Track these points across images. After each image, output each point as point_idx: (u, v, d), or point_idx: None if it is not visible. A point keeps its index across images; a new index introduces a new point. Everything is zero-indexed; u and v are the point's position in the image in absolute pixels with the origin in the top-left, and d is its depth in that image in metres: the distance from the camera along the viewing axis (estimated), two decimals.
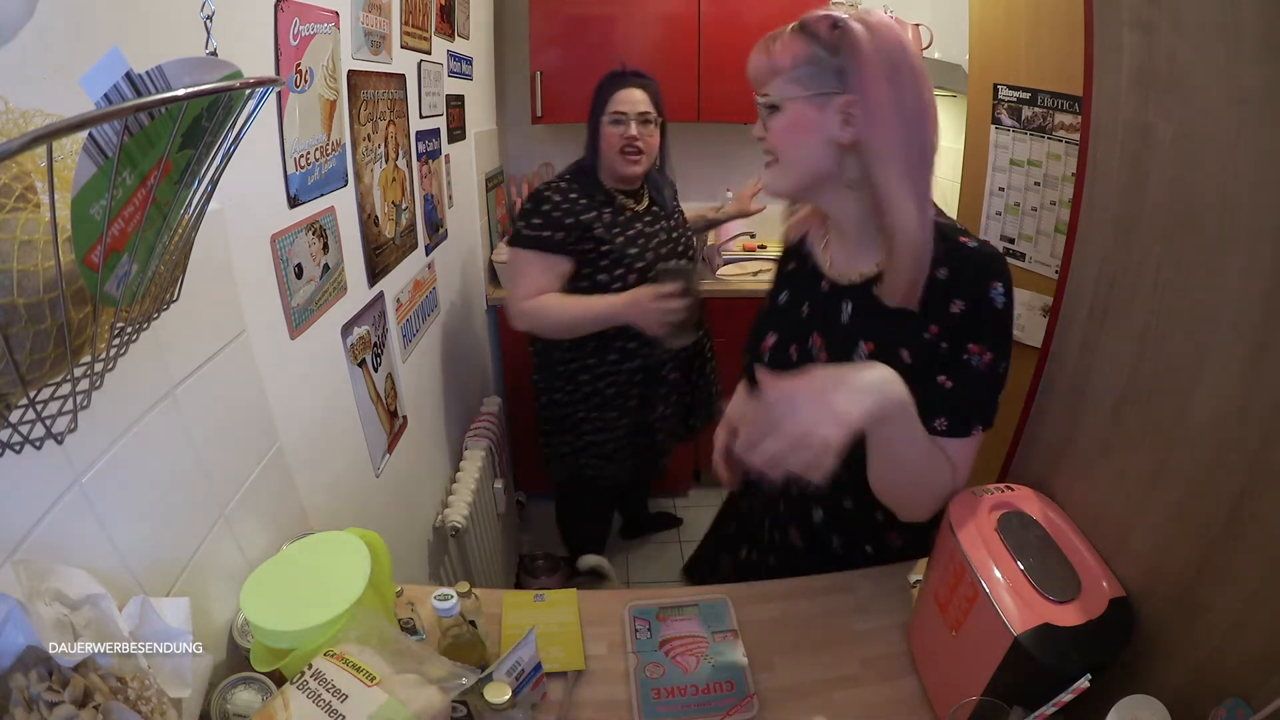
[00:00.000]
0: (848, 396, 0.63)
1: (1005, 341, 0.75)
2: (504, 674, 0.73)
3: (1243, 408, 0.58)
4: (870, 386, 0.65)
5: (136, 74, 0.37)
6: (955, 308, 0.75)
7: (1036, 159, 1.69)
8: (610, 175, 1.47)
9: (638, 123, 1.40)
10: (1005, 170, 1.78)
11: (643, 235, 1.48)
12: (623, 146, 1.41)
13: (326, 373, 1.07)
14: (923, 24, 2.44)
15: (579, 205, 1.42)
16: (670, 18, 2.19)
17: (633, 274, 1.44)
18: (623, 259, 1.43)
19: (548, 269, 1.42)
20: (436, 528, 1.55)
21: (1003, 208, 1.81)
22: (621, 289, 1.43)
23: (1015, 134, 1.74)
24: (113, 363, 0.48)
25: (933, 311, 0.76)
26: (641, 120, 1.40)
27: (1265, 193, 0.56)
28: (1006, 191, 1.80)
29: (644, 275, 1.44)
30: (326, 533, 0.81)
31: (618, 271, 1.44)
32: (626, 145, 1.41)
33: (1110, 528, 0.74)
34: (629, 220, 1.48)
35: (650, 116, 1.42)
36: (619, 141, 1.40)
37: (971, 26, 1.83)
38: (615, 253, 1.43)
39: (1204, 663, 0.62)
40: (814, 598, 0.99)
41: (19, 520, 0.51)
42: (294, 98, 0.92)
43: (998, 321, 0.75)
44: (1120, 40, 0.72)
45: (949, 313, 0.75)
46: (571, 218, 1.40)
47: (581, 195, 1.43)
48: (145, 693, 0.52)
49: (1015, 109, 1.72)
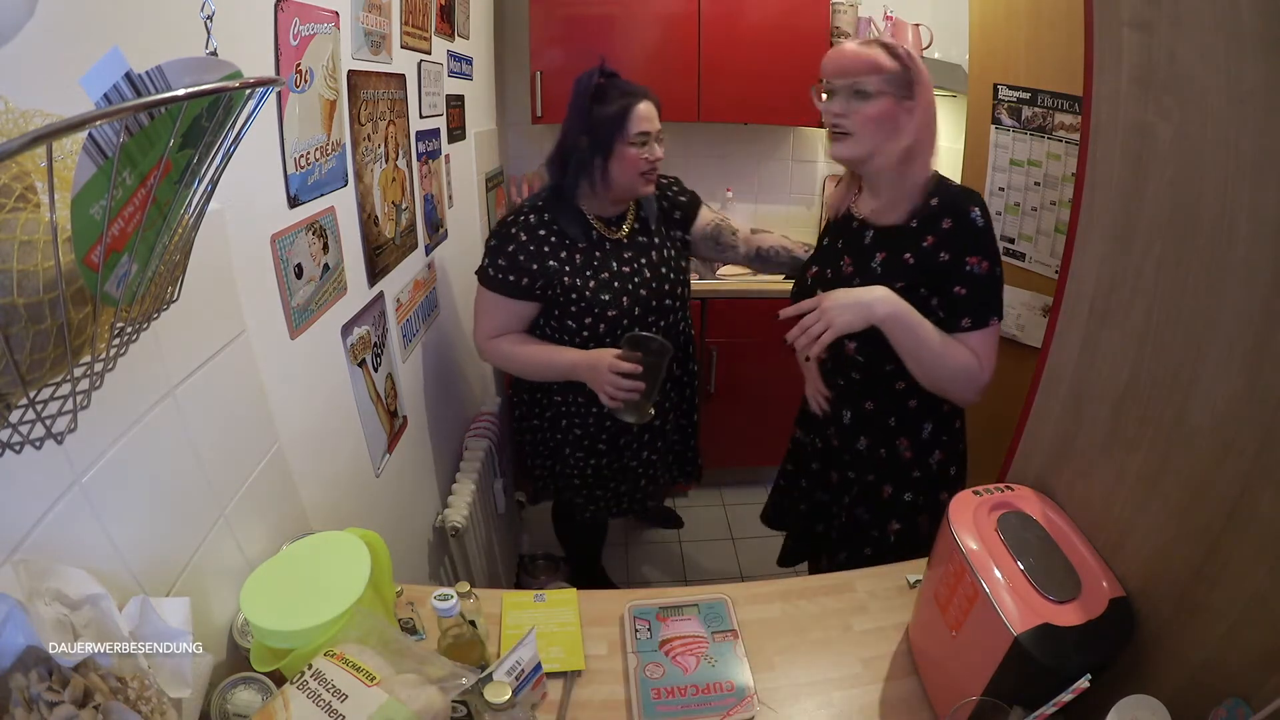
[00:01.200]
0: (852, 298, 1.00)
1: (995, 251, 1.03)
2: (504, 674, 0.73)
3: (1242, 408, 0.58)
4: (869, 293, 1.00)
5: (136, 74, 0.37)
6: (945, 224, 1.03)
7: (1036, 159, 1.69)
8: (611, 200, 1.33)
9: (657, 142, 1.28)
10: (1005, 170, 1.78)
11: (619, 277, 1.32)
12: (646, 170, 1.27)
13: (326, 373, 1.07)
14: (923, 24, 2.45)
15: (547, 246, 1.29)
16: (670, 18, 2.19)
17: (603, 322, 1.31)
18: (593, 306, 1.30)
19: (510, 312, 1.34)
20: (436, 528, 1.55)
21: (1003, 208, 1.81)
22: (589, 336, 1.33)
23: (1015, 134, 1.74)
24: (113, 363, 0.48)
25: (928, 227, 1.05)
26: (658, 138, 1.28)
27: (1265, 193, 0.56)
28: (1006, 191, 1.80)
29: (618, 321, 1.32)
30: (326, 533, 0.81)
31: (586, 320, 1.32)
32: (650, 168, 1.27)
33: (1110, 528, 0.74)
34: (606, 255, 1.33)
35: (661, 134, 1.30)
36: (643, 165, 1.26)
37: (971, 26, 1.83)
38: (584, 300, 1.30)
39: (1204, 663, 0.62)
40: (814, 598, 0.99)
41: (19, 520, 0.51)
42: (294, 98, 0.92)
43: (984, 235, 1.03)
44: (1120, 40, 0.71)
45: (941, 228, 1.03)
46: (537, 262, 1.28)
47: (551, 233, 1.29)
48: (145, 693, 0.52)
49: (1015, 109, 1.72)
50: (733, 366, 2.34)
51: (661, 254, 1.40)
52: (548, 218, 1.31)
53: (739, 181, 2.73)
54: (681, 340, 1.49)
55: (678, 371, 1.51)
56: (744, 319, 2.28)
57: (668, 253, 1.42)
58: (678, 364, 1.49)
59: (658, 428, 1.50)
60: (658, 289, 1.37)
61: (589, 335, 1.34)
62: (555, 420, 1.48)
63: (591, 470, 1.51)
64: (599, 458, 1.48)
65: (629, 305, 1.33)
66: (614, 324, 1.33)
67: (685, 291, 1.47)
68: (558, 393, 1.44)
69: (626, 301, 1.33)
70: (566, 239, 1.31)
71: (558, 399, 1.45)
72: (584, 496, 1.56)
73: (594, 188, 1.30)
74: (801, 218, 2.85)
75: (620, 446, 1.48)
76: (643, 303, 1.35)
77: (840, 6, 2.35)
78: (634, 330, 1.32)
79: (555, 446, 1.53)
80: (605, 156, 1.26)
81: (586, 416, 1.43)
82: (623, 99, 1.25)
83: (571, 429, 1.47)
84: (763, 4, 2.21)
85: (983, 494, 0.82)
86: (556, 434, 1.50)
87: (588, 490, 1.54)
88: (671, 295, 1.40)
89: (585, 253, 1.32)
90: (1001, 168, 1.79)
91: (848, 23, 2.38)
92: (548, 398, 1.47)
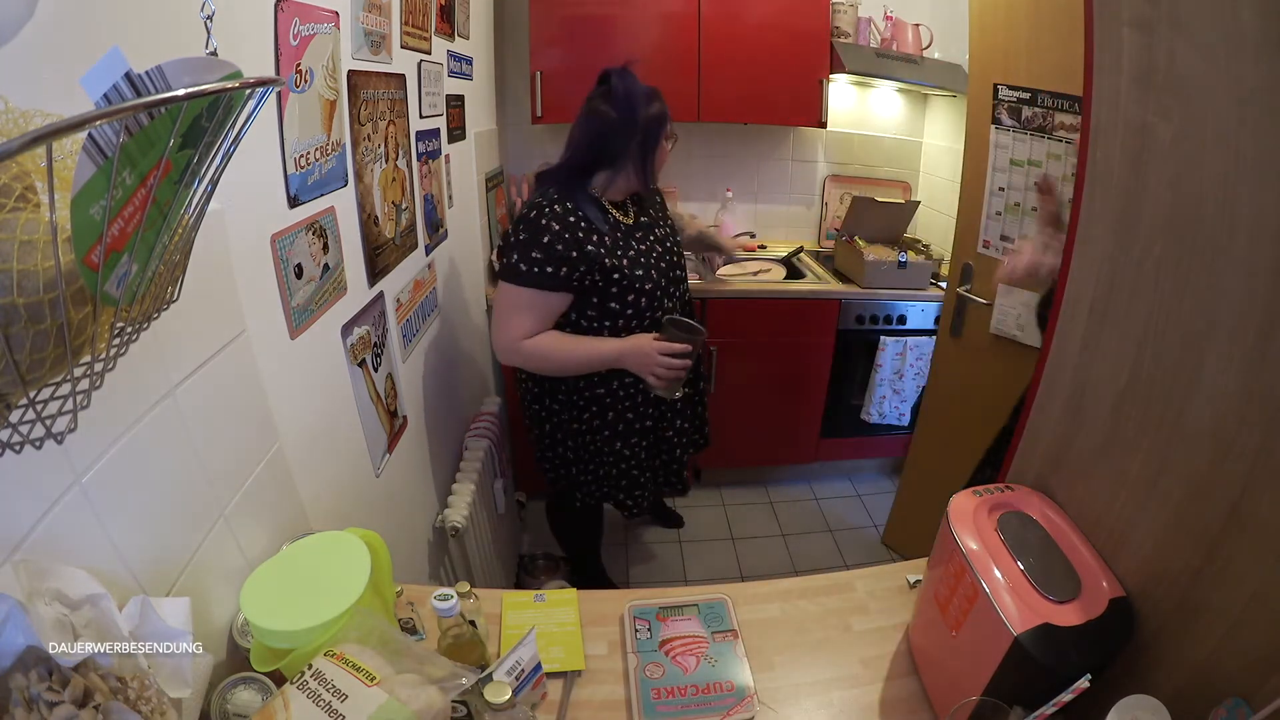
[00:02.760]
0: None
1: None
2: (504, 674, 0.73)
3: (1242, 408, 0.58)
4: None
5: (136, 74, 0.37)
6: None
7: (1037, 159, 1.69)
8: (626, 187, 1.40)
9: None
10: (1005, 170, 1.78)
11: (642, 254, 1.40)
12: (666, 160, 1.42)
13: (326, 373, 1.07)
14: (923, 24, 2.45)
15: (580, 233, 1.31)
16: (670, 18, 2.19)
17: (643, 297, 1.38)
18: (633, 283, 1.36)
19: (545, 307, 1.33)
20: (436, 528, 1.55)
21: (1003, 207, 1.81)
22: (633, 314, 1.38)
23: (1015, 134, 1.74)
24: (113, 363, 0.48)
25: None
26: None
27: (1265, 193, 0.56)
28: (1006, 191, 1.80)
29: (653, 295, 1.38)
30: (326, 533, 0.81)
31: (629, 298, 1.36)
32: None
33: (1110, 528, 0.74)
34: (626, 236, 1.39)
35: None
36: (666, 158, 1.42)
37: (971, 26, 1.82)
38: (624, 279, 1.35)
39: (1204, 663, 0.62)
40: (814, 598, 0.99)
41: (19, 520, 0.51)
42: (294, 98, 0.92)
43: None
44: (1120, 40, 0.71)
45: None
46: (576, 250, 1.29)
47: (581, 220, 1.32)
48: (145, 693, 0.52)
49: (1015, 109, 1.72)
50: (733, 366, 2.34)
51: (663, 233, 1.51)
52: (571, 206, 1.33)
53: (739, 181, 2.74)
54: (690, 308, 1.61)
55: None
56: (744, 319, 2.28)
57: (665, 230, 1.53)
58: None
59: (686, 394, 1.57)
60: (672, 261, 1.48)
61: (632, 314, 1.39)
62: (602, 413, 1.49)
63: (644, 452, 1.55)
64: (644, 436, 1.54)
65: (657, 278, 1.41)
66: (650, 298, 1.39)
67: (684, 262, 1.58)
68: (600, 385, 1.46)
69: (655, 275, 1.41)
70: (594, 225, 1.34)
71: (600, 391, 1.46)
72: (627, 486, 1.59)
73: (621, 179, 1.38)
74: (801, 217, 2.85)
75: (658, 420, 1.55)
76: (664, 274, 1.44)
77: (840, 6, 2.35)
78: (662, 304, 1.42)
79: (599, 446, 1.53)
80: (651, 149, 1.36)
81: (634, 400, 1.49)
82: (658, 100, 1.36)
83: (621, 417, 1.50)
84: (763, 4, 2.21)
85: (983, 494, 0.82)
86: (604, 430, 1.50)
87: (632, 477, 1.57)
88: (679, 266, 1.52)
89: (611, 235, 1.36)
90: (1001, 168, 1.79)
91: (848, 23, 2.38)
92: (591, 391, 1.47)
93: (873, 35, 2.46)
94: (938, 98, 2.60)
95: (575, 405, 1.49)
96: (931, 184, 2.68)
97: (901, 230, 2.46)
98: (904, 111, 2.71)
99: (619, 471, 1.55)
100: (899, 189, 2.76)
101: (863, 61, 2.30)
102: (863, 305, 2.31)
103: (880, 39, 2.46)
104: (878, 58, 2.33)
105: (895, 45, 2.43)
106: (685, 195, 2.72)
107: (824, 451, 2.58)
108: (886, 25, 2.45)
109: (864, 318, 2.33)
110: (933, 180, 2.68)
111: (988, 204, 1.84)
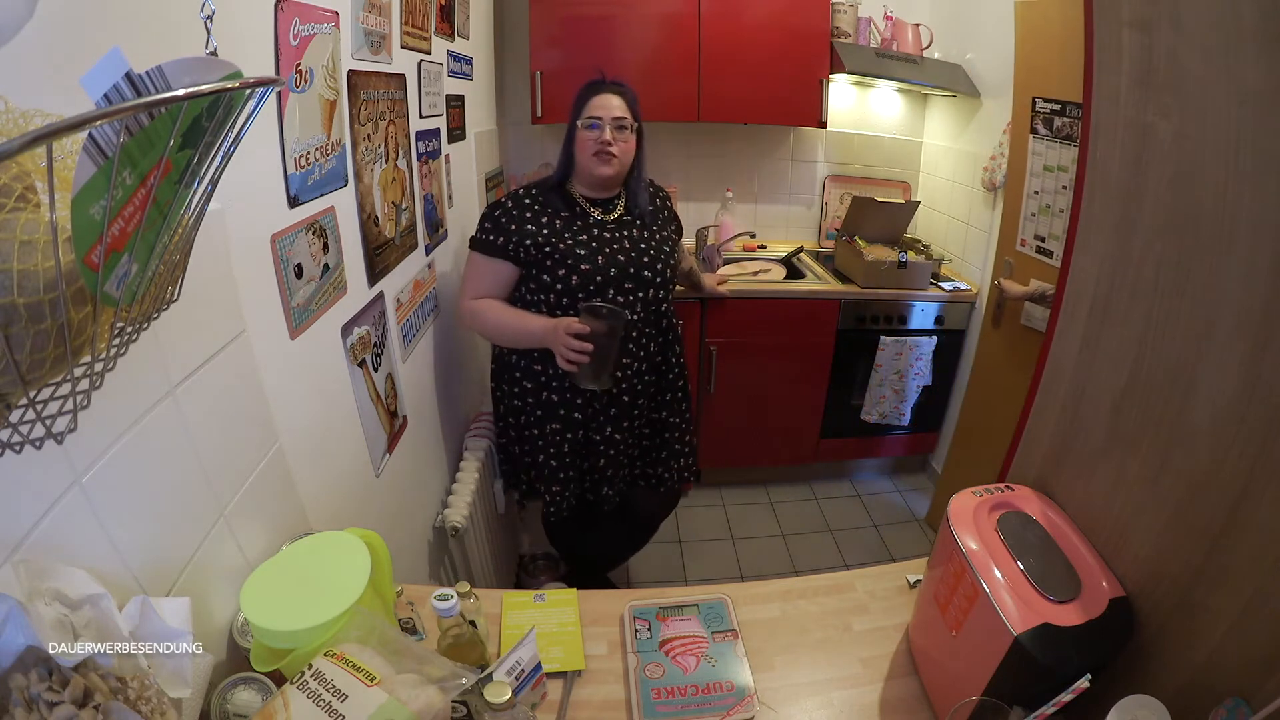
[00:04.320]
0: None
1: None
2: (504, 674, 0.73)
3: (1242, 407, 0.58)
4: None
5: (136, 74, 0.37)
6: None
7: (1064, 164, 1.84)
8: (585, 182, 1.48)
9: (612, 127, 1.42)
10: (1040, 175, 1.94)
11: (599, 240, 1.45)
12: (596, 150, 1.43)
13: (326, 373, 1.07)
14: (922, 24, 2.45)
15: (529, 214, 1.44)
16: (670, 18, 2.19)
17: (576, 275, 1.42)
18: (566, 258, 1.42)
19: (492, 272, 1.47)
20: (436, 528, 1.55)
21: (1037, 209, 1.97)
22: (564, 290, 1.43)
23: (1048, 142, 1.90)
24: (113, 363, 0.48)
25: None
26: (616, 125, 1.42)
27: (1265, 193, 0.56)
28: (1040, 194, 1.95)
29: (591, 277, 1.42)
30: (326, 533, 0.81)
31: (560, 272, 1.42)
32: (600, 149, 1.42)
33: (1110, 528, 0.74)
34: (590, 226, 1.47)
35: (625, 122, 1.43)
36: (593, 145, 1.43)
37: (1017, 45, 2.01)
38: (559, 254, 1.42)
39: (1204, 663, 0.62)
40: (814, 598, 0.99)
41: (19, 520, 0.51)
42: (294, 98, 0.92)
43: None
44: (1120, 40, 0.71)
45: None
46: (516, 224, 1.43)
47: (536, 204, 1.46)
48: (145, 693, 0.52)
49: (1048, 119, 1.89)
50: (733, 366, 2.34)
51: (648, 233, 1.52)
52: (535, 193, 1.48)
53: (739, 181, 2.74)
54: (663, 325, 1.59)
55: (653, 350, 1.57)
56: (744, 319, 2.28)
57: (657, 237, 1.53)
58: (657, 347, 1.58)
59: (625, 404, 1.56)
60: (637, 259, 1.47)
61: (563, 290, 1.43)
62: (536, 390, 1.55)
63: (568, 445, 1.56)
64: (570, 428, 1.55)
65: (604, 264, 1.43)
66: (587, 279, 1.42)
67: (670, 275, 1.55)
68: (538, 362, 1.52)
69: (602, 260, 1.43)
70: (550, 210, 1.46)
71: (537, 368, 1.53)
72: (548, 477, 1.60)
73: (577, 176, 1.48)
74: (801, 217, 2.85)
75: (589, 416, 1.55)
76: (619, 266, 1.45)
77: (840, 6, 2.35)
78: (605, 292, 1.44)
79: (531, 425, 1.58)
80: (569, 139, 1.47)
81: (563, 385, 1.52)
82: (586, 90, 1.45)
83: (550, 399, 1.54)
84: (763, 4, 2.21)
85: (983, 494, 0.82)
86: (537, 409, 1.56)
87: (552, 468, 1.58)
88: (652, 269, 1.49)
89: (567, 221, 1.45)
90: (1037, 173, 1.96)
91: (848, 23, 2.38)
92: (530, 367, 1.54)
93: (873, 35, 2.46)
94: (938, 98, 2.60)
95: (517, 381, 1.57)
96: (931, 184, 2.69)
97: (901, 230, 2.46)
98: (904, 111, 2.71)
99: (545, 458, 1.58)
100: (899, 189, 2.76)
101: (863, 61, 2.31)
102: (863, 305, 2.31)
103: (880, 39, 2.46)
104: (878, 58, 2.33)
105: (895, 45, 2.43)
106: (685, 195, 2.72)
107: (824, 451, 2.58)
108: (886, 25, 2.45)
109: (864, 318, 2.33)
110: (932, 180, 2.68)
111: (1025, 206, 2.00)
